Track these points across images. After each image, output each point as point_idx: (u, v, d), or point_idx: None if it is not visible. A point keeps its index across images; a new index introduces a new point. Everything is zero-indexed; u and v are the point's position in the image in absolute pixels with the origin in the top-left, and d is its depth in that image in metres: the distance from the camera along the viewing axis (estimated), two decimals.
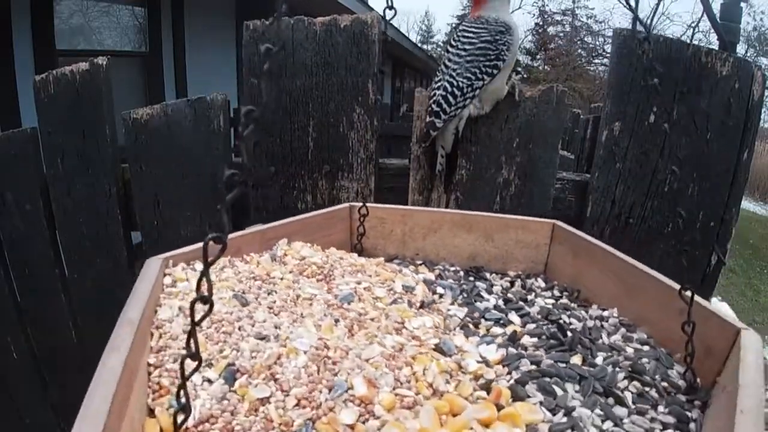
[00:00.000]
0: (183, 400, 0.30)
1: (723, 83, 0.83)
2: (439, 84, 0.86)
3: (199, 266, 0.58)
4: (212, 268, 0.57)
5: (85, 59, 0.94)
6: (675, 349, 0.52)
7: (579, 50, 16.59)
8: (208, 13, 4.12)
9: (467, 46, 0.84)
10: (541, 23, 18.36)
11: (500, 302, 0.63)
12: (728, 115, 0.84)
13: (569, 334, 0.54)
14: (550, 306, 0.62)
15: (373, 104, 0.91)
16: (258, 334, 0.47)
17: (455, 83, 0.84)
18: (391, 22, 0.70)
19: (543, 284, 0.71)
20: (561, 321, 0.58)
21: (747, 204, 9.05)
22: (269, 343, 0.46)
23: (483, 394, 0.45)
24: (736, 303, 4.47)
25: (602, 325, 0.58)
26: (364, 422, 0.39)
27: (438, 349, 0.50)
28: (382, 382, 0.43)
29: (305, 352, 0.44)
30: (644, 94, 0.85)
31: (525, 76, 16.32)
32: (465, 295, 0.64)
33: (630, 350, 0.53)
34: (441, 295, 0.63)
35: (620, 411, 0.44)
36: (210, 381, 0.42)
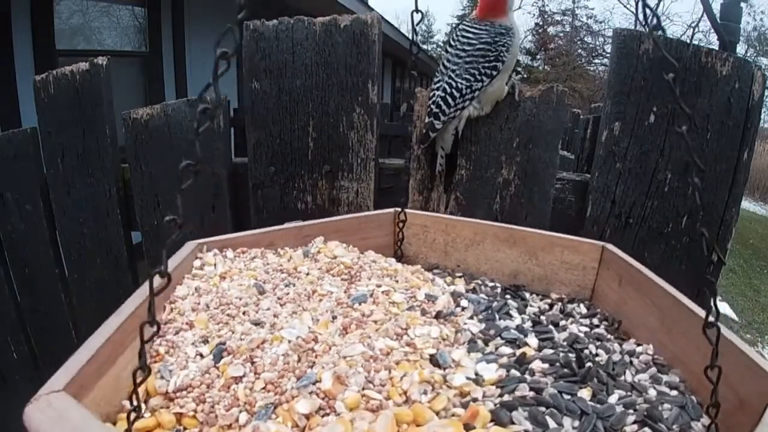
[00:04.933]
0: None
1: (723, 83, 0.83)
2: (438, 85, 0.86)
3: (230, 254, 0.63)
4: (243, 257, 0.64)
5: (85, 59, 0.94)
6: (708, 398, 0.42)
7: (579, 50, 16.58)
8: (208, 13, 4.12)
9: (467, 47, 0.84)
10: (541, 23, 18.36)
11: (527, 324, 0.59)
12: (728, 115, 0.84)
13: (587, 365, 0.49)
14: (581, 334, 0.58)
15: (373, 104, 0.91)
16: (255, 320, 0.50)
17: (454, 84, 0.84)
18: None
19: (584, 311, 0.66)
20: (585, 351, 0.53)
21: (747, 204, 9.06)
22: (261, 329, 0.49)
23: (460, 411, 0.42)
24: (736, 303, 4.47)
25: (631, 361, 0.53)
26: (323, 416, 0.40)
27: (433, 359, 0.48)
28: (352, 381, 0.42)
29: (290, 342, 0.46)
30: (644, 94, 0.85)
31: (525, 76, 16.32)
32: (489, 312, 0.60)
33: (653, 392, 0.48)
34: (463, 308, 0.61)
35: None
36: (202, 356, 0.46)
